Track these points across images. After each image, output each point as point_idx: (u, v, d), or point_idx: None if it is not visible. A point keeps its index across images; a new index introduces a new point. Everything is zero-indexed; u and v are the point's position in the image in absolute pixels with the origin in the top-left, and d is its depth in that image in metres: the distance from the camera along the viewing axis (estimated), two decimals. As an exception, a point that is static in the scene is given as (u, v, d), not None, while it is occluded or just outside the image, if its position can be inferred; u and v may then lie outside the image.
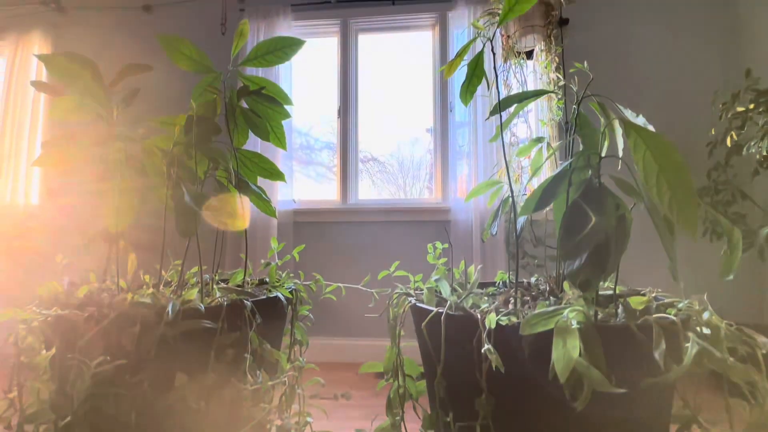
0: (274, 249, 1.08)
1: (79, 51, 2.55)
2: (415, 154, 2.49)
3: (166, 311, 0.73)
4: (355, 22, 2.35)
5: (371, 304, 1.26)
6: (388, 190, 2.51)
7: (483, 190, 1.11)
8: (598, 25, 2.17)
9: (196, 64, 1.09)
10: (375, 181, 2.53)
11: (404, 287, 0.97)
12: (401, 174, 2.55)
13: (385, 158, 2.51)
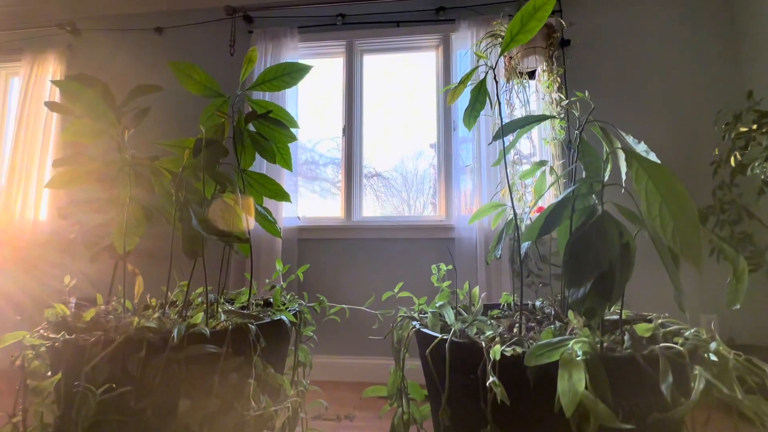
0: (279, 271, 1.09)
1: (93, 71, 2.63)
2: (419, 167, 2.51)
3: (172, 336, 0.73)
4: (361, 43, 2.40)
5: (375, 325, 1.25)
6: (392, 203, 2.51)
7: (486, 212, 1.11)
8: (599, 45, 2.21)
9: (205, 89, 1.12)
10: (379, 196, 2.54)
11: (408, 310, 0.96)
12: (405, 188, 2.56)
13: (389, 174, 2.53)
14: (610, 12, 2.22)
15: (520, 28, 0.82)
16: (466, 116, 0.98)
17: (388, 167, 2.54)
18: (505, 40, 0.84)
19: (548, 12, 0.83)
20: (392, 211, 2.51)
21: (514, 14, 1.93)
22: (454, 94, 0.96)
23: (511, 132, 0.94)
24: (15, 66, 2.67)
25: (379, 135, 2.47)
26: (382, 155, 2.52)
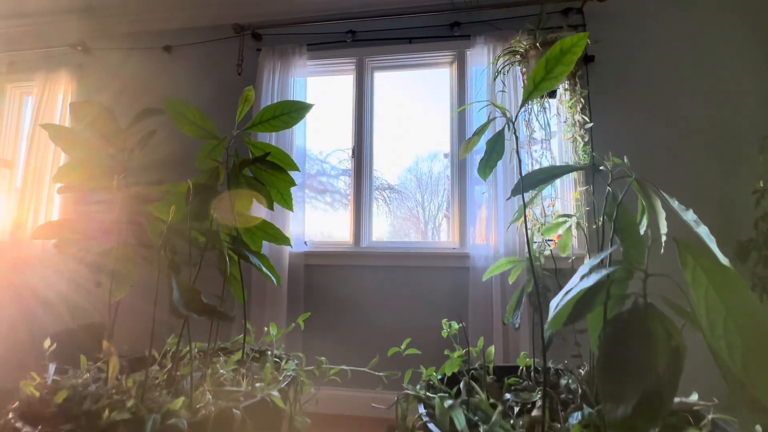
0: (272, 336, 1.00)
1: (102, 90, 2.56)
2: (433, 169, 2.40)
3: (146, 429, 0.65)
4: (371, 60, 2.31)
5: (379, 387, 1.15)
6: (407, 207, 2.38)
7: (502, 267, 1.00)
8: (628, 62, 2.06)
9: (199, 129, 1.05)
10: (392, 209, 2.43)
11: (414, 390, 0.86)
12: (419, 190, 2.49)
13: (401, 187, 2.42)
14: (642, 26, 2.07)
15: (544, 75, 0.71)
16: (482, 167, 0.88)
17: (401, 181, 2.43)
18: (527, 89, 0.73)
19: (577, 55, 0.72)
20: (405, 239, 2.37)
21: (535, 29, 1.80)
22: (468, 146, 0.85)
23: (532, 187, 0.83)
24: (29, 85, 2.68)
25: (392, 146, 2.36)
26: (394, 167, 2.41)
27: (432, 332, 2.03)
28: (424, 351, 2.01)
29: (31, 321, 2.25)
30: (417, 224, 2.47)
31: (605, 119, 2.02)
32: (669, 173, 1.96)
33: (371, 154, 2.29)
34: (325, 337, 2.10)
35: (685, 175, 1.95)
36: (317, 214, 2.41)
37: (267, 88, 2.26)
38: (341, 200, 2.42)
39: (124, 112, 2.47)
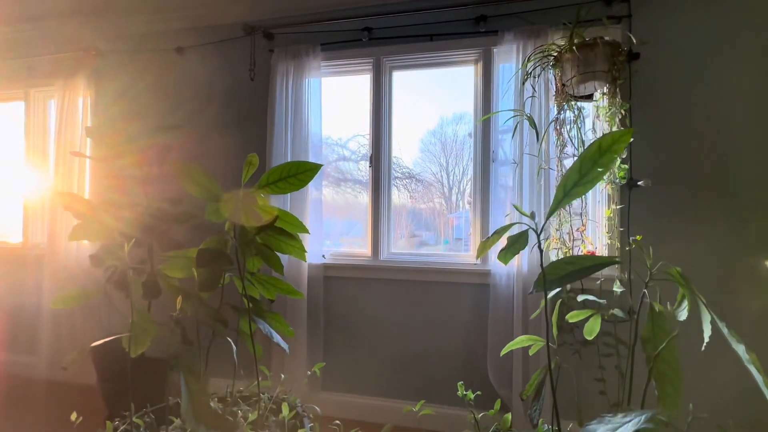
0: (284, 416, 1.00)
1: (117, 91, 2.55)
2: (458, 132, 2.28)
3: None
4: (389, 60, 2.15)
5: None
6: (430, 169, 2.34)
7: (522, 343, 0.94)
8: (680, 59, 1.81)
9: (205, 190, 1.01)
10: (413, 194, 2.36)
11: None
12: (444, 154, 2.39)
13: (423, 176, 2.35)
14: (702, 18, 1.79)
15: (578, 180, 0.62)
16: (502, 255, 0.80)
17: (422, 171, 2.34)
18: (556, 197, 0.64)
19: (619, 153, 0.62)
20: (426, 252, 2.31)
21: (572, 23, 1.59)
22: (486, 245, 0.77)
23: (556, 285, 0.75)
24: (50, 89, 2.70)
25: (412, 132, 2.27)
26: (414, 156, 2.34)
27: (450, 348, 2.03)
28: (441, 368, 2.03)
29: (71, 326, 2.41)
30: (441, 189, 2.40)
31: (648, 125, 1.83)
32: (717, 186, 1.77)
33: (389, 162, 2.20)
34: (344, 348, 2.14)
35: (737, 194, 1.75)
36: (337, 206, 2.38)
37: (281, 92, 2.17)
38: (362, 192, 2.33)
39: (141, 116, 2.47)
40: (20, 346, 2.68)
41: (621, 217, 1.80)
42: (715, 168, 1.76)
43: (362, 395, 2.11)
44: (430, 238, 2.41)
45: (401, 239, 2.42)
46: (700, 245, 1.75)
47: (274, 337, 1.03)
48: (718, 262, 1.74)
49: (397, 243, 2.32)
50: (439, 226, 2.39)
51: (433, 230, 2.41)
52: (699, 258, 1.76)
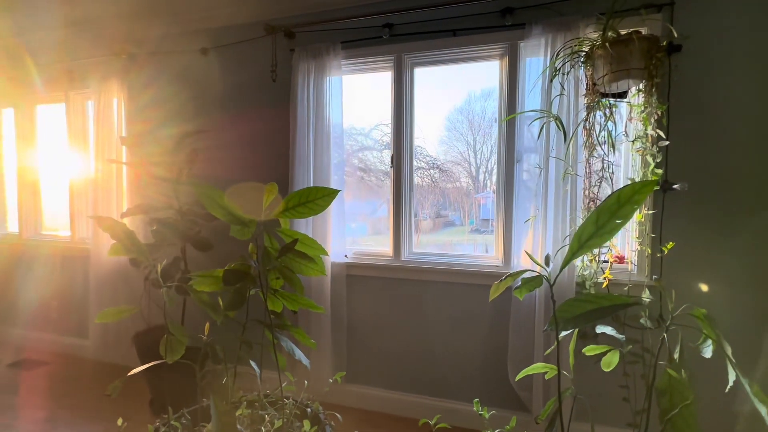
0: (305, 430, 1.06)
1: (147, 92, 2.66)
2: (487, 108, 2.20)
3: None
4: (410, 57, 2.10)
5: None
6: (457, 147, 2.31)
7: (538, 370, 0.94)
8: (725, 57, 1.66)
9: (228, 214, 1.06)
10: (439, 175, 2.35)
11: None
12: (471, 132, 2.33)
13: (450, 154, 2.33)
14: (757, 13, 1.63)
15: (594, 232, 0.60)
16: (518, 291, 0.79)
17: (446, 160, 2.33)
18: (571, 248, 0.62)
19: (639, 204, 0.59)
20: (448, 251, 2.31)
21: (607, 14, 1.49)
22: (499, 287, 0.77)
23: (569, 326, 0.74)
24: (87, 91, 2.82)
25: (434, 125, 2.23)
26: (438, 148, 2.31)
27: (471, 348, 2.05)
28: (462, 367, 2.06)
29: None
30: (468, 168, 2.37)
31: (688, 125, 1.71)
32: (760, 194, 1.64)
33: (410, 167, 2.18)
34: (367, 343, 2.21)
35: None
36: (358, 195, 2.41)
37: (302, 92, 2.18)
38: (386, 181, 2.34)
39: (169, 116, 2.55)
40: (72, 331, 2.93)
41: (653, 222, 1.72)
42: (759, 175, 1.63)
43: (385, 389, 2.19)
44: (456, 218, 2.40)
45: (426, 220, 2.42)
46: (737, 255, 1.65)
47: (296, 353, 1.08)
48: (754, 273, 1.64)
49: (422, 225, 2.35)
50: (465, 206, 2.36)
51: (459, 210, 2.38)
52: (735, 269, 1.66)
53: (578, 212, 1.75)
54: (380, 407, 2.17)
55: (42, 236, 3.15)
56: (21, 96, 3.04)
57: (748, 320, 1.65)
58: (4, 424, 2.05)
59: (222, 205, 1.07)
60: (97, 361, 2.81)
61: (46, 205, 3.20)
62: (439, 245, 2.40)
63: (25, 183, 3.15)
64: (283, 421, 1.14)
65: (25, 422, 2.07)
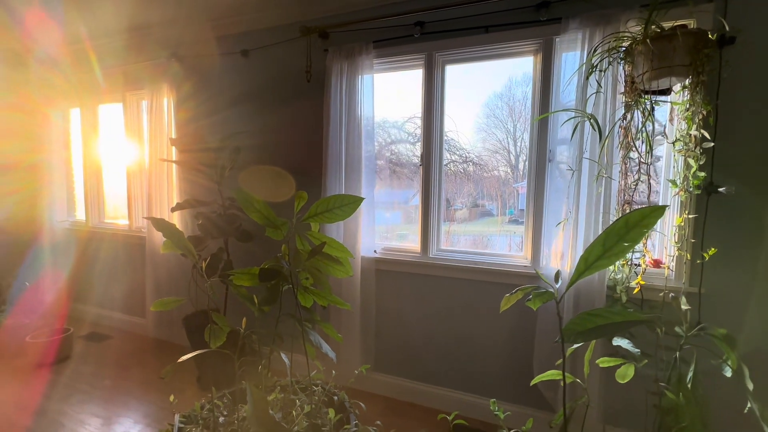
0: (330, 417, 1.15)
1: (194, 92, 2.87)
2: (529, 93, 2.09)
3: None
4: (442, 54, 2.10)
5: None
6: (496, 135, 2.24)
7: (550, 376, 0.96)
8: (785, 44, 1.53)
9: (263, 217, 1.15)
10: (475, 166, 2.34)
11: None
12: (511, 119, 2.29)
13: (488, 141, 2.29)
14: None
15: (601, 253, 0.62)
16: (531, 302, 0.82)
17: (481, 155, 2.30)
18: (578, 269, 0.64)
19: (649, 228, 0.60)
20: (472, 249, 2.32)
21: (651, 6, 1.43)
22: (509, 300, 0.80)
23: (575, 341, 0.76)
24: (141, 92, 3.06)
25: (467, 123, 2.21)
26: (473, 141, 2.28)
27: (496, 346, 2.07)
28: (487, 363, 2.09)
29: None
30: (506, 157, 2.34)
31: (739, 124, 1.60)
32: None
33: (440, 163, 2.20)
34: (394, 335, 2.29)
35: None
36: (392, 191, 2.44)
37: (335, 90, 2.24)
38: (417, 172, 2.31)
39: (214, 116, 2.72)
40: (132, 310, 3.26)
41: (695, 226, 1.64)
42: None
43: (410, 379, 2.27)
44: (493, 208, 2.38)
45: (462, 209, 2.42)
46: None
47: (323, 347, 1.18)
48: None
49: (456, 215, 2.37)
50: (504, 196, 2.33)
51: (497, 200, 2.36)
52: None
53: (611, 215, 1.71)
54: (405, 396, 2.26)
55: (105, 224, 3.49)
56: (86, 97, 3.35)
57: (799, 333, 1.55)
58: (78, 389, 2.35)
59: (258, 209, 1.16)
60: (153, 338, 3.11)
61: (107, 196, 3.54)
62: (474, 236, 2.39)
63: (90, 176, 3.50)
64: (312, 407, 1.25)
65: (95, 389, 2.36)
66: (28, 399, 2.23)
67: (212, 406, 1.25)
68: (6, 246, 3.40)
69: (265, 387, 1.12)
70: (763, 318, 1.60)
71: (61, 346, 2.69)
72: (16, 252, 3.43)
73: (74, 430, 1.97)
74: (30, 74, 3.43)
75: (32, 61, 3.41)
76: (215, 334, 1.28)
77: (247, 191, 1.15)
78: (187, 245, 1.21)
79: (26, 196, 3.49)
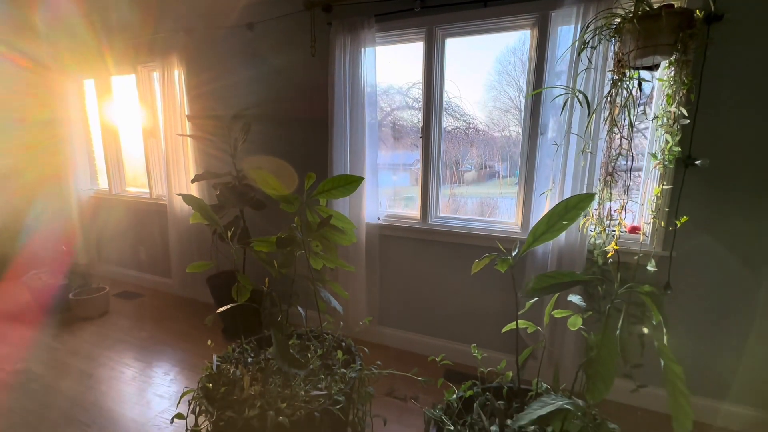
0: (339, 357, 1.39)
1: (203, 65, 3.03)
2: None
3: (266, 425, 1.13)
4: (442, 28, 2.16)
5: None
6: (508, 93, 2.19)
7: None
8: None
9: (278, 194, 1.33)
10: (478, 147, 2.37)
11: (434, 412, 1.18)
12: (524, 75, 2.14)
13: (499, 100, 2.27)
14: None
15: (546, 229, 0.80)
16: (499, 265, 1.01)
17: (486, 121, 2.29)
18: (528, 241, 0.82)
19: (583, 210, 0.78)
20: (469, 216, 2.49)
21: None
22: (479, 264, 0.98)
23: (534, 295, 0.95)
24: (152, 65, 3.16)
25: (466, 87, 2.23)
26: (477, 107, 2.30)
27: (487, 303, 2.31)
28: (478, 317, 2.33)
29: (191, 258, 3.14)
30: (518, 116, 2.25)
31: (720, 100, 1.69)
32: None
33: (440, 138, 2.32)
34: (397, 292, 2.54)
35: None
36: (395, 155, 2.57)
37: (339, 64, 2.33)
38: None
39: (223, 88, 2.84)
40: (158, 271, 3.57)
41: (671, 197, 1.79)
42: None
43: (411, 331, 2.54)
44: (502, 169, 2.39)
45: (471, 171, 2.48)
46: (757, 239, 1.70)
47: (332, 302, 1.40)
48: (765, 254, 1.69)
49: (464, 177, 2.47)
50: (514, 157, 2.28)
51: (507, 161, 2.35)
52: (746, 249, 1.72)
53: (594, 187, 1.85)
54: (404, 345, 2.55)
55: (127, 192, 3.73)
56: (99, 69, 3.46)
57: (751, 296, 1.74)
58: (120, 339, 2.69)
59: (273, 186, 1.35)
60: (180, 296, 3.44)
61: (127, 165, 3.75)
62: (480, 197, 2.45)
63: (109, 146, 3.68)
64: (323, 350, 1.50)
65: (134, 338, 2.70)
66: (79, 347, 2.57)
67: (242, 349, 1.51)
68: (38, 213, 3.67)
69: (284, 334, 1.36)
70: (724, 278, 1.79)
71: (99, 302, 3.01)
72: (46, 218, 3.71)
73: (121, 371, 2.31)
74: (42, 45, 3.52)
75: (45, 31, 3.49)
76: (241, 292, 1.51)
77: (264, 172, 1.32)
78: (213, 217, 1.41)
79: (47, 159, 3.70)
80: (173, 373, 2.28)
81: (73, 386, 2.15)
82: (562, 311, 1.09)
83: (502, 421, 1.18)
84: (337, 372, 1.38)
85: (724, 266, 1.78)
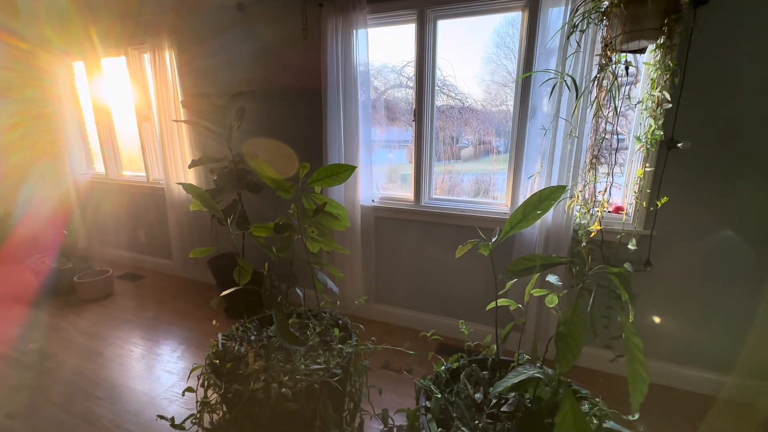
0: (336, 334, 1.48)
1: (194, 46, 3.03)
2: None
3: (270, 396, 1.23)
4: (433, 10, 2.15)
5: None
6: (506, 66, 2.16)
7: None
8: (759, 13, 1.60)
9: (273, 181, 1.40)
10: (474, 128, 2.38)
11: (424, 381, 1.29)
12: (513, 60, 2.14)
13: (497, 74, 2.26)
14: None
15: (521, 219, 0.87)
16: (482, 249, 1.08)
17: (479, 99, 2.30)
18: (505, 230, 0.89)
19: (555, 201, 0.85)
20: (464, 198, 2.56)
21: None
22: (462, 249, 1.05)
23: (514, 276, 1.03)
24: (143, 47, 3.12)
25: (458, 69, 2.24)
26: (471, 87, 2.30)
27: (477, 281, 2.42)
28: (469, 294, 2.44)
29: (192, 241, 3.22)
30: (513, 96, 2.19)
31: (705, 83, 1.73)
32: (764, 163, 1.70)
33: (432, 119, 2.35)
34: (392, 271, 2.64)
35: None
36: (389, 133, 2.60)
37: (331, 46, 2.33)
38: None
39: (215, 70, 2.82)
40: (159, 253, 3.65)
41: (654, 178, 1.86)
42: (764, 138, 1.67)
43: (405, 308, 2.66)
44: (499, 145, 2.40)
45: (468, 147, 2.50)
46: (732, 218, 1.79)
47: (328, 284, 1.49)
48: (746, 237, 1.78)
49: (461, 152, 2.51)
50: (511, 132, 2.22)
51: (504, 136, 2.34)
52: (722, 229, 1.81)
53: (580, 170, 1.91)
54: (398, 321, 2.67)
55: (123, 177, 3.75)
56: (88, 51, 3.40)
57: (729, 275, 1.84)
58: (126, 319, 2.80)
59: (269, 175, 1.40)
60: (181, 277, 3.53)
61: (122, 149, 3.75)
62: (477, 174, 2.48)
63: (103, 129, 3.67)
64: (321, 328, 1.60)
65: (139, 318, 2.81)
66: (87, 328, 2.68)
67: (245, 328, 1.61)
68: (36, 196, 3.70)
69: (284, 314, 1.45)
70: (700, 255, 1.88)
71: (104, 285, 3.11)
72: (46, 202, 3.74)
73: (130, 350, 2.42)
74: (29, 26, 3.44)
75: (28, 9, 3.41)
76: (242, 274, 1.59)
77: (261, 162, 1.37)
78: (212, 204, 1.47)
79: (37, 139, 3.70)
80: (180, 351, 2.40)
81: (84, 364, 2.26)
82: (541, 290, 1.18)
83: (486, 389, 1.29)
84: (335, 348, 1.48)
85: (700, 244, 1.87)
